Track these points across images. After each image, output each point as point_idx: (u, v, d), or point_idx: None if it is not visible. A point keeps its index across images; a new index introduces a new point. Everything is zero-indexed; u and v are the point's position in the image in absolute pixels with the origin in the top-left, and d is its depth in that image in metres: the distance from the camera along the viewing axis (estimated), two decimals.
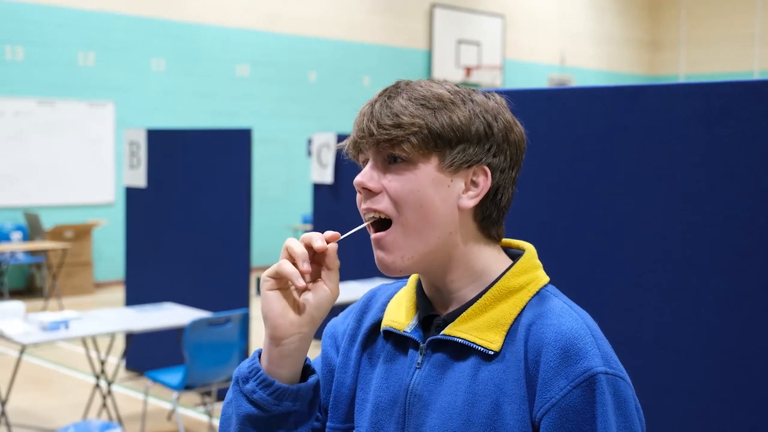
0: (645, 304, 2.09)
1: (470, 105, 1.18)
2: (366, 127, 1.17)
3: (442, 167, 1.16)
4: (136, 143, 6.66)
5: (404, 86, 1.19)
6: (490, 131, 1.18)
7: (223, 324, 5.02)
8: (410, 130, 1.14)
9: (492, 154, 1.18)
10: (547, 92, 2.34)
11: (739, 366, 1.96)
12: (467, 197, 1.18)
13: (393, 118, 1.15)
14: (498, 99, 1.22)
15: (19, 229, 10.09)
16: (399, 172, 1.16)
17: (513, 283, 1.19)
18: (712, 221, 1.98)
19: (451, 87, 1.20)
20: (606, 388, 1.09)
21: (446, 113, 1.16)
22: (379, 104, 1.18)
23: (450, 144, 1.16)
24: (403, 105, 1.16)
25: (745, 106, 1.93)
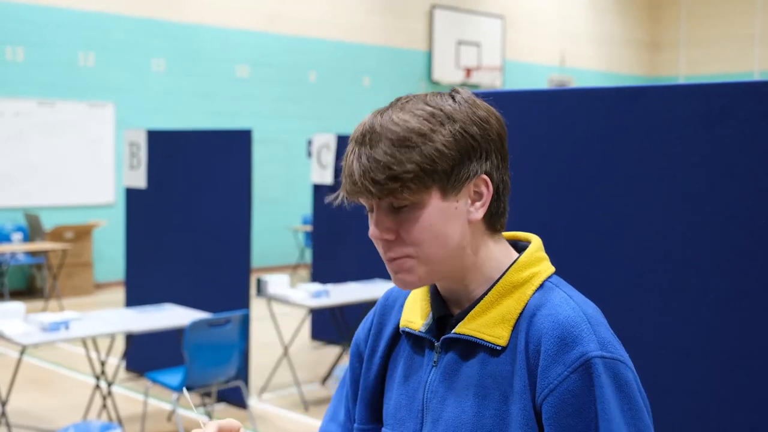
0: (645, 305, 2.09)
1: (449, 125, 1.18)
2: (361, 185, 1.18)
3: (446, 195, 1.19)
4: (136, 144, 6.66)
5: (380, 128, 1.18)
6: (476, 142, 1.19)
7: (223, 325, 5.02)
8: (406, 179, 1.16)
9: (484, 159, 1.20)
10: (547, 93, 2.34)
11: (739, 366, 1.96)
12: (475, 210, 1.21)
13: (385, 171, 1.16)
14: (466, 97, 1.22)
15: (20, 230, 10.09)
16: (408, 216, 1.19)
17: (516, 277, 1.22)
18: (712, 221, 1.98)
19: (424, 109, 1.19)
20: (603, 371, 1.12)
21: (431, 146, 1.16)
22: (365, 157, 1.17)
23: (446, 173, 1.17)
24: (388, 153, 1.16)
25: (745, 106, 1.93)
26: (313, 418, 5.82)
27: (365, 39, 13.60)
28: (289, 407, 6.05)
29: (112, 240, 10.60)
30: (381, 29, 13.84)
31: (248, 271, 5.88)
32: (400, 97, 1.24)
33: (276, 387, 6.46)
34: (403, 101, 1.22)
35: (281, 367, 6.73)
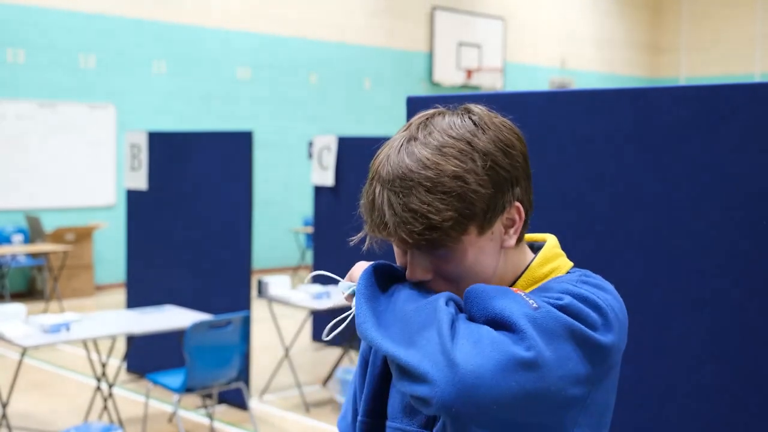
0: (646, 306, 2.09)
1: (480, 160, 1.14)
2: (396, 236, 1.14)
3: (483, 231, 1.17)
4: (137, 146, 6.66)
5: (409, 171, 1.12)
6: (507, 172, 1.17)
7: (223, 326, 5.02)
8: (446, 226, 1.12)
9: (515, 187, 1.19)
10: (548, 95, 2.34)
11: (740, 368, 1.96)
12: (509, 237, 1.20)
13: (423, 222, 1.12)
14: (486, 118, 1.19)
15: (20, 232, 10.09)
16: (446, 258, 1.17)
17: (539, 272, 1.23)
18: (713, 223, 1.98)
19: (453, 145, 1.14)
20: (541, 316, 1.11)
21: (467, 189, 1.13)
22: (398, 206, 1.13)
23: (483, 211, 1.15)
24: (425, 202, 1.11)
25: (746, 108, 1.93)
26: (314, 419, 5.82)
27: (366, 41, 13.61)
28: (290, 409, 6.05)
29: (112, 242, 10.60)
30: (382, 31, 13.84)
31: (249, 273, 5.88)
32: (416, 121, 1.18)
33: (277, 388, 6.46)
34: (423, 131, 1.16)
35: (282, 368, 6.72)
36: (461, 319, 1.10)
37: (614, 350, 1.16)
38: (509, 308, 1.09)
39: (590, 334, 1.11)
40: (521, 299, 1.11)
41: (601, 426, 1.19)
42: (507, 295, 1.12)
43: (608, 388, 1.19)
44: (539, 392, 1.06)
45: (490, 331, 1.07)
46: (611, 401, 1.22)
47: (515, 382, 1.04)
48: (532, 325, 1.07)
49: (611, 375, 1.19)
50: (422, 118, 1.19)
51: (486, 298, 1.11)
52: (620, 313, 1.19)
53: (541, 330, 1.08)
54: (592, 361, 1.11)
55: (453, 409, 1.04)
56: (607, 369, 1.16)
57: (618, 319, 1.17)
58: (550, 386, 1.07)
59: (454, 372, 1.03)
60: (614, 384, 1.22)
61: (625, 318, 1.22)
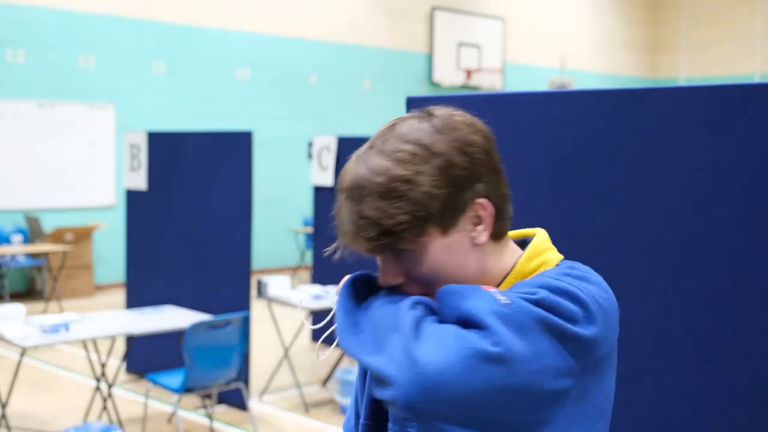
0: (646, 307, 2.09)
1: (433, 161, 1.14)
2: (354, 243, 1.17)
3: (446, 230, 1.16)
4: (137, 146, 6.66)
5: (364, 180, 1.14)
6: (464, 170, 1.16)
7: (223, 327, 5.02)
8: (399, 230, 1.13)
9: (476, 184, 1.18)
10: (548, 95, 2.34)
11: (739, 369, 1.96)
12: (478, 234, 1.19)
13: (376, 228, 1.14)
14: (445, 118, 1.19)
15: (20, 232, 10.09)
16: (413, 260, 1.17)
17: (527, 267, 1.22)
18: (713, 224, 1.98)
19: (404, 150, 1.14)
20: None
21: (419, 191, 1.13)
22: (355, 213, 1.15)
23: (440, 212, 1.15)
24: (377, 208, 1.13)
25: (746, 109, 1.92)
26: (314, 420, 5.82)
27: (366, 41, 13.61)
28: (289, 409, 6.05)
29: (112, 242, 10.60)
30: (381, 31, 13.85)
31: (249, 273, 5.88)
32: (379, 132, 1.19)
33: (276, 389, 6.46)
34: (382, 139, 1.17)
35: (282, 369, 6.72)
36: (428, 321, 1.11)
37: (599, 342, 1.14)
38: (477, 306, 1.09)
39: (567, 327, 1.10)
40: (491, 297, 1.11)
41: (599, 419, 1.18)
42: (476, 294, 1.12)
43: (601, 381, 1.17)
44: (511, 387, 1.06)
45: (457, 330, 1.08)
46: (609, 393, 1.20)
47: (481, 378, 1.05)
48: (502, 321, 1.08)
49: (602, 367, 1.17)
50: (387, 126, 1.20)
51: (456, 299, 1.12)
52: (606, 303, 1.17)
53: (512, 325, 1.08)
54: (574, 354, 1.11)
55: (417, 408, 1.05)
56: (594, 361, 1.14)
57: (603, 309, 1.16)
58: (523, 380, 1.07)
59: (415, 371, 1.05)
60: (609, 376, 1.20)
61: (613, 308, 1.20)
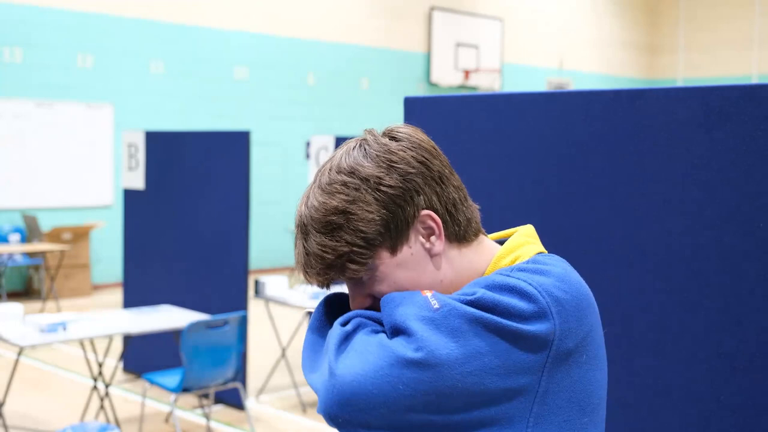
0: (644, 307, 2.09)
1: (364, 189, 1.15)
2: (308, 279, 1.20)
3: (395, 249, 1.17)
4: (135, 145, 6.66)
5: (306, 218, 1.18)
6: (398, 189, 1.16)
7: (221, 326, 5.02)
8: (342, 261, 1.15)
9: (416, 197, 1.17)
10: (546, 95, 2.34)
11: (738, 368, 1.96)
12: (431, 244, 1.18)
13: (319, 262, 1.16)
14: (376, 142, 1.19)
15: (17, 231, 10.09)
16: (371, 283, 1.18)
17: (501, 264, 1.21)
18: (710, 224, 1.98)
19: (337, 180, 1.16)
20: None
21: (356, 219, 1.15)
22: (302, 250, 1.19)
23: (381, 234, 1.15)
24: (318, 243, 1.16)
25: (744, 109, 1.93)
26: (311, 419, 5.82)
27: (364, 41, 13.61)
28: (287, 409, 6.05)
29: (110, 241, 10.59)
30: (380, 31, 13.85)
31: (246, 273, 5.88)
32: (320, 167, 1.21)
33: (274, 389, 6.45)
34: (321, 175, 1.19)
35: (279, 368, 6.72)
36: (359, 333, 1.12)
37: (558, 336, 1.09)
38: (405, 313, 1.10)
39: (509, 324, 1.08)
40: (423, 302, 1.11)
41: (581, 414, 1.13)
42: (409, 300, 1.12)
43: (575, 375, 1.12)
44: (441, 390, 1.05)
45: (382, 339, 1.10)
46: (590, 387, 1.15)
47: (403, 384, 1.05)
48: (429, 326, 1.08)
49: (572, 361, 1.12)
50: (330, 156, 1.23)
51: (390, 307, 1.13)
52: (565, 295, 1.12)
53: (441, 329, 1.07)
54: (526, 350, 1.08)
55: (338, 418, 1.08)
56: (558, 356, 1.10)
57: (559, 302, 1.11)
58: (456, 382, 1.06)
59: (333, 382, 1.08)
60: (587, 369, 1.14)
61: (579, 300, 1.14)
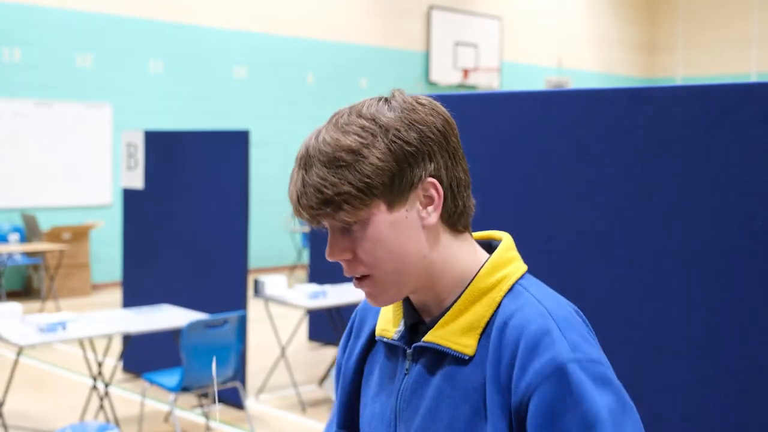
0: (643, 307, 2.09)
1: (382, 136, 1.13)
2: (297, 210, 1.16)
3: (392, 207, 1.14)
4: (134, 145, 6.65)
5: (313, 150, 1.15)
6: (413, 147, 1.14)
7: (220, 326, 5.02)
8: (339, 200, 1.12)
9: (428, 162, 1.16)
10: (545, 94, 2.34)
11: (737, 368, 1.96)
12: (428, 214, 1.16)
13: (317, 195, 1.13)
14: (402, 100, 1.18)
15: (17, 231, 10.08)
16: (359, 234, 1.15)
17: (485, 283, 1.18)
18: (710, 222, 1.98)
19: (356, 123, 1.15)
20: (581, 374, 1.07)
21: (364, 162, 1.12)
22: (300, 181, 1.15)
23: (385, 186, 1.13)
24: (320, 176, 1.13)
25: (743, 108, 1.93)
26: (311, 419, 5.82)
27: (363, 40, 13.61)
28: (286, 408, 6.05)
29: (109, 241, 10.59)
30: (378, 30, 13.85)
31: (245, 272, 5.88)
32: (339, 110, 1.19)
33: (273, 388, 6.45)
34: (339, 116, 1.17)
35: (278, 368, 6.72)
36: None
37: None
38: None
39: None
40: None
41: None
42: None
43: None
44: None
45: None
46: None
47: None
48: None
49: None
50: (348, 108, 1.21)
51: None
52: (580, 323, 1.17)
53: None
54: None
55: None
56: None
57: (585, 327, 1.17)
58: None
59: None
60: None
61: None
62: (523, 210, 2.27)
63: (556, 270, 2.13)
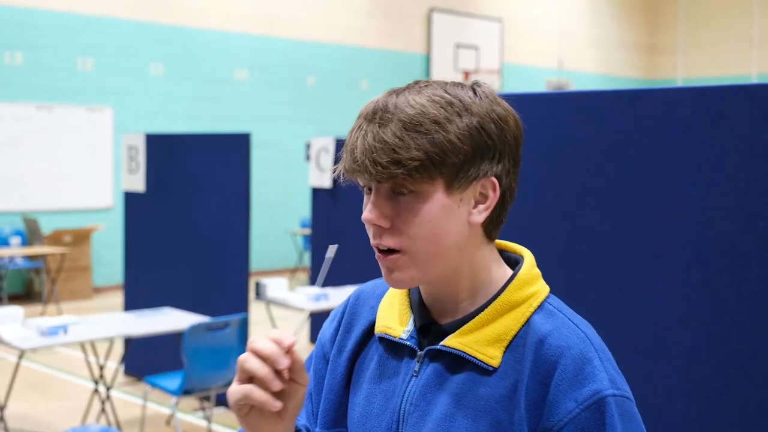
0: (644, 308, 2.09)
1: (466, 117, 1.11)
2: (361, 164, 1.11)
3: (450, 190, 1.11)
4: (135, 148, 6.66)
5: (393, 108, 1.10)
6: (491, 141, 1.12)
7: (221, 329, 5.02)
8: (410, 165, 1.08)
9: (496, 161, 1.14)
10: (545, 96, 2.34)
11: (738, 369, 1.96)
12: (477, 212, 1.14)
13: (389, 154, 1.08)
14: (487, 91, 1.16)
15: (18, 234, 10.09)
16: (408, 205, 1.11)
17: (516, 296, 1.16)
18: (711, 224, 1.98)
19: (443, 96, 1.12)
20: (615, 410, 1.08)
21: (444, 137, 1.09)
22: (371, 135, 1.10)
23: (455, 166, 1.10)
24: (397, 136, 1.08)
25: (743, 109, 1.93)
26: None
27: (363, 42, 13.61)
28: None
29: (110, 244, 10.59)
30: (379, 32, 13.85)
31: (247, 275, 5.88)
32: (418, 81, 1.16)
33: None
34: (422, 84, 1.14)
35: None
36: None
37: None
38: None
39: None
40: None
41: None
42: None
43: None
44: None
45: None
46: None
47: None
48: None
49: None
50: (429, 80, 1.17)
51: None
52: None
53: None
54: None
55: None
56: None
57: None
58: None
59: None
60: None
61: None
62: (524, 211, 2.27)
63: (555, 270, 2.13)
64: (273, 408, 1.08)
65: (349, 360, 1.27)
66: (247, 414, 1.12)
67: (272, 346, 1.08)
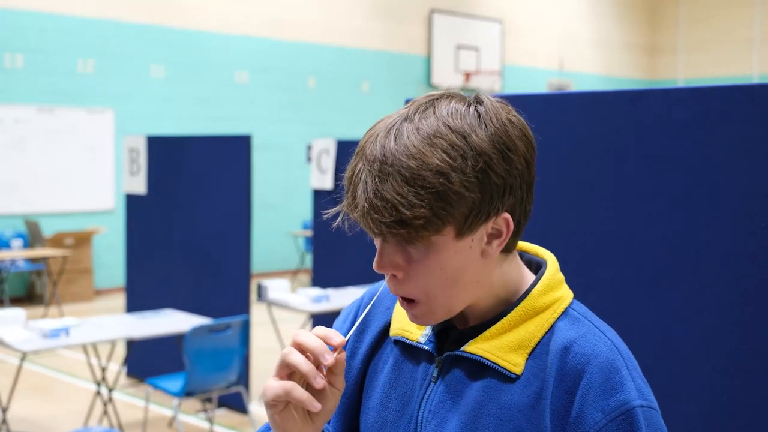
0: (645, 308, 2.09)
1: (471, 159, 1.03)
2: (364, 223, 1.05)
3: (461, 235, 1.06)
4: (136, 150, 6.66)
5: (392, 159, 1.02)
6: (500, 179, 1.05)
7: (223, 330, 5.02)
8: (416, 224, 1.02)
9: (507, 196, 1.07)
10: (546, 97, 2.34)
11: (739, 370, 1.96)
12: (492, 248, 1.09)
13: (392, 213, 1.01)
14: (493, 112, 1.07)
15: (20, 237, 10.09)
16: (417, 256, 1.06)
17: (540, 302, 1.13)
18: (712, 225, 1.98)
19: (445, 137, 1.03)
20: (642, 421, 1.05)
21: (449, 188, 1.02)
22: (371, 190, 1.03)
23: (463, 215, 1.04)
24: (399, 193, 1.01)
25: (744, 109, 1.93)
26: None
27: (364, 44, 13.62)
28: None
29: (112, 246, 10.60)
30: (380, 34, 13.86)
31: (248, 277, 5.88)
32: (420, 101, 1.08)
33: None
34: (420, 115, 1.05)
35: None
36: None
37: None
38: None
39: None
40: None
41: None
42: None
43: None
44: None
45: None
46: None
47: None
48: None
49: None
50: (427, 99, 1.09)
51: None
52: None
53: None
54: None
55: None
56: None
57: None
58: None
59: None
60: None
61: None
62: None
63: None
64: (313, 408, 1.04)
65: (362, 363, 1.23)
66: (281, 411, 1.07)
67: (317, 340, 1.04)
